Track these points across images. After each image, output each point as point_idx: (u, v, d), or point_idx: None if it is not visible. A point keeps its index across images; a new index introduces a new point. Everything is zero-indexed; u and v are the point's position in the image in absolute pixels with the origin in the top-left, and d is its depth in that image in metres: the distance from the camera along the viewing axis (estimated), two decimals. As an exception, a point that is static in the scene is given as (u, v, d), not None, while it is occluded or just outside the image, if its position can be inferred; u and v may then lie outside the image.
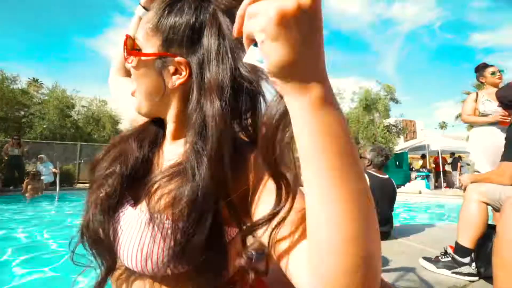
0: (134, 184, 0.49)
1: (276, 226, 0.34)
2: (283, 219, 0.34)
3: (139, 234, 0.43)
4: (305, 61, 0.25)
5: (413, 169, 13.15)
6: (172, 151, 0.50)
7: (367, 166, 2.55)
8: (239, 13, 0.27)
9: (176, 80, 0.47)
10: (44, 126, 10.96)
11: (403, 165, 12.41)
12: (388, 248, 2.13)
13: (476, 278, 1.60)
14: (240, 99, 0.45)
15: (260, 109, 0.47)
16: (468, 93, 2.86)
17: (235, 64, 0.43)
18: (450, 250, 1.71)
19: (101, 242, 0.46)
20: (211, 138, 0.41)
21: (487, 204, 1.62)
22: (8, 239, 3.15)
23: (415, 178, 11.39)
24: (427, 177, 10.76)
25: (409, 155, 14.64)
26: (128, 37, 0.48)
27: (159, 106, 0.50)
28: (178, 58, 0.46)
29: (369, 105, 12.39)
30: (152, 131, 0.55)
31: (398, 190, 2.73)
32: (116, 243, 0.45)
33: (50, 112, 11.17)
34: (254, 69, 0.40)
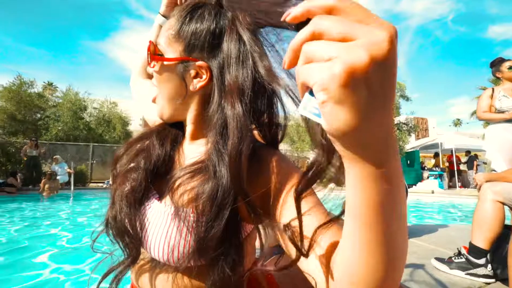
0: (157, 179, 0.51)
1: (325, 224, 0.35)
2: (335, 219, 0.35)
3: (165, 227, 0.45)
4: (372, 127, 0.21)
5: (425, 168, 12.83)
6: (192, 150, 0.52)
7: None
8: (293, 46, 0.23)
9: (197, 83, 0.49)
10: (59, 128, 11.31)
11: (415, 164, 12.13)
12: (399, 248, 2.10)
13: (493, 280, 1.56)
14: (258, 101, 0.47)
15: (277, 110, 0.49)
16: (484, 89, 2.76)
17: (255, 67, 0.45)
18: (464, 251, 1.67)
19: (127, 234, 0.48)
20: (232, 138, 0.43)
21: (503, 203, 1.57)
22: (27, 235, 3.28)
23: (428, 177, 11.11)
24: (440, 176, 10.49)
25: (421, 154, 14.29)
26: (151, 43, 0.50)
27: (180, 109, 0.53)
28: (199, 62, 0.48)
29: (378, 103, 12.20)
30: (173, 131, 0.57)
31: (409, 190, 2.68)
32: (143, 234, 0.47)
33: (64, 114, 11.50)
34: (271, 73, 0.42)
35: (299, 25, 0.23)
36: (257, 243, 0.50)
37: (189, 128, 0.54)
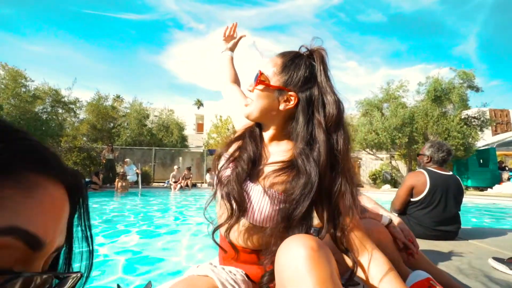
0: (251, 168, 0.74)
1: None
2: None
3: (260, 202, 0.68)
4: None
5: (506, 168, 10.88)
6: (274, 149, 0.77)
7: (427, 163, 2.38)
8: None
9: (286, 106, 0.72)
10: (127, 135, 13.15)
11: (489, 164, 10.36)
12: (454, 248, 1.97)
13: None
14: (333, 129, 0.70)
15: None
16: None
17: (330, 107, 0.68)
18: (528, 251, 1.51)
19: (236, 202, 0.70)
20: (320, 151, 0.66)
21: None
22: (106, 223, 4.02)
23: (508, 179, 9.44)
24: (525, 177, 8.78)
25: (499, 152, 12.17)
26: (260, 72, 0.75)
27: (266, 118, 0.76)
28: (291, 93, 0.71)
29: (439, 96, 10.66)
30: (257, 134, 0.81)
31: (482, 193, 2.42)
32: (245, 206, 0.69)
33: (131, 122, 13.31)
34: (339, 124, 0.68)
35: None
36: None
37: (270, 133, 0.77)
